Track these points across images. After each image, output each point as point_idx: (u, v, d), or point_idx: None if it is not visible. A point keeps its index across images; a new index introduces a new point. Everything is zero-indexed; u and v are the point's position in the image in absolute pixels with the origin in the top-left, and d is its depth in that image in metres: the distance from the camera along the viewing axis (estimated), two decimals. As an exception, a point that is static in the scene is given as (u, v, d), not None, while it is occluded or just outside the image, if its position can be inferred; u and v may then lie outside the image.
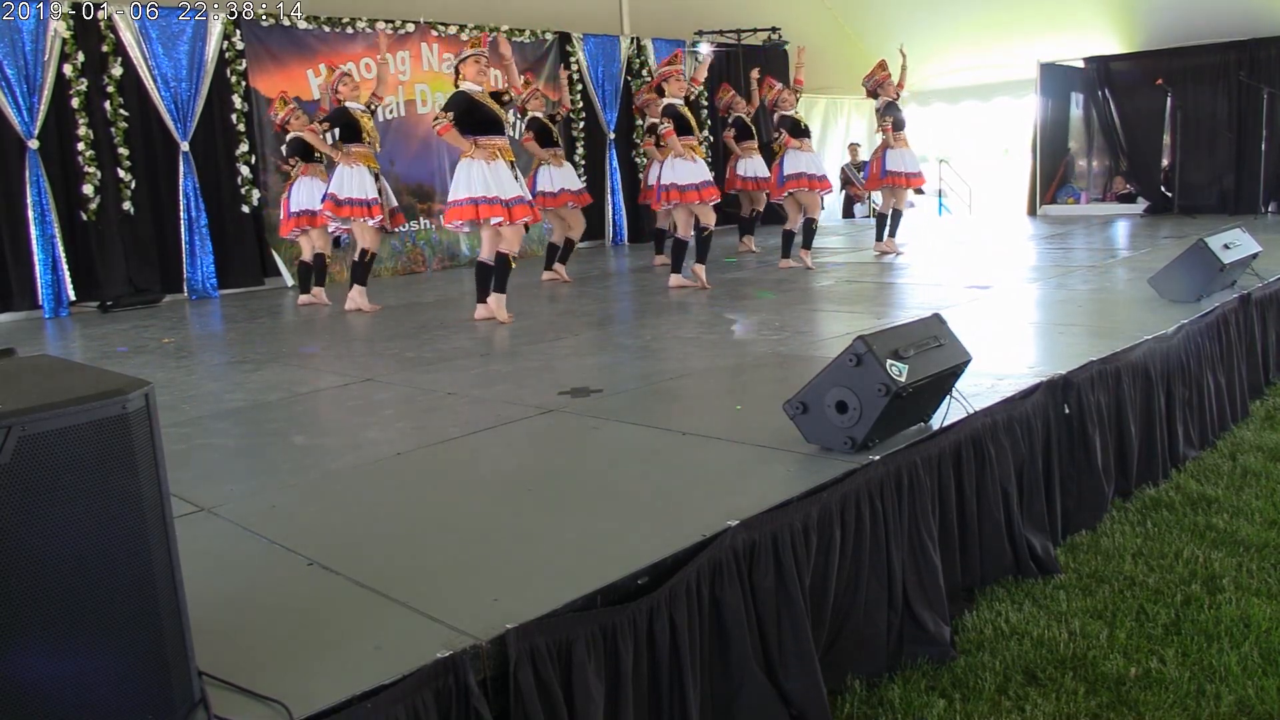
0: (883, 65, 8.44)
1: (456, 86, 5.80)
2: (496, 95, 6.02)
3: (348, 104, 6.69)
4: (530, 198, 6.07)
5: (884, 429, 2.67)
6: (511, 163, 5.84)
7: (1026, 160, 12.59)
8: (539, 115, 7.99)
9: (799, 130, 8.05)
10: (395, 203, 6.97)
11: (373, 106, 7.02)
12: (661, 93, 7.30)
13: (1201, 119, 10.98)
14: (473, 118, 5.70)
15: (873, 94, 8.43)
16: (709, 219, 7.01)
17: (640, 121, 8.99)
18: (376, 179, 6.73)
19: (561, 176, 7.96)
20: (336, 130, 6.75)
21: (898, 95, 8.45)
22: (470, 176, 5.70)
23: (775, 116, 8.21)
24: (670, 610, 1.99)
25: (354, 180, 6.60)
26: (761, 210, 9.69)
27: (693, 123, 7.22)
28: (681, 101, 7.20)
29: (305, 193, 7.16)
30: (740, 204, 9.76)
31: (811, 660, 2.22)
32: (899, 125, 8.35)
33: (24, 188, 7.27)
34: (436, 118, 5.75)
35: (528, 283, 7.73)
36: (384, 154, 7.68)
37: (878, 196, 9.89)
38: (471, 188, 5.67)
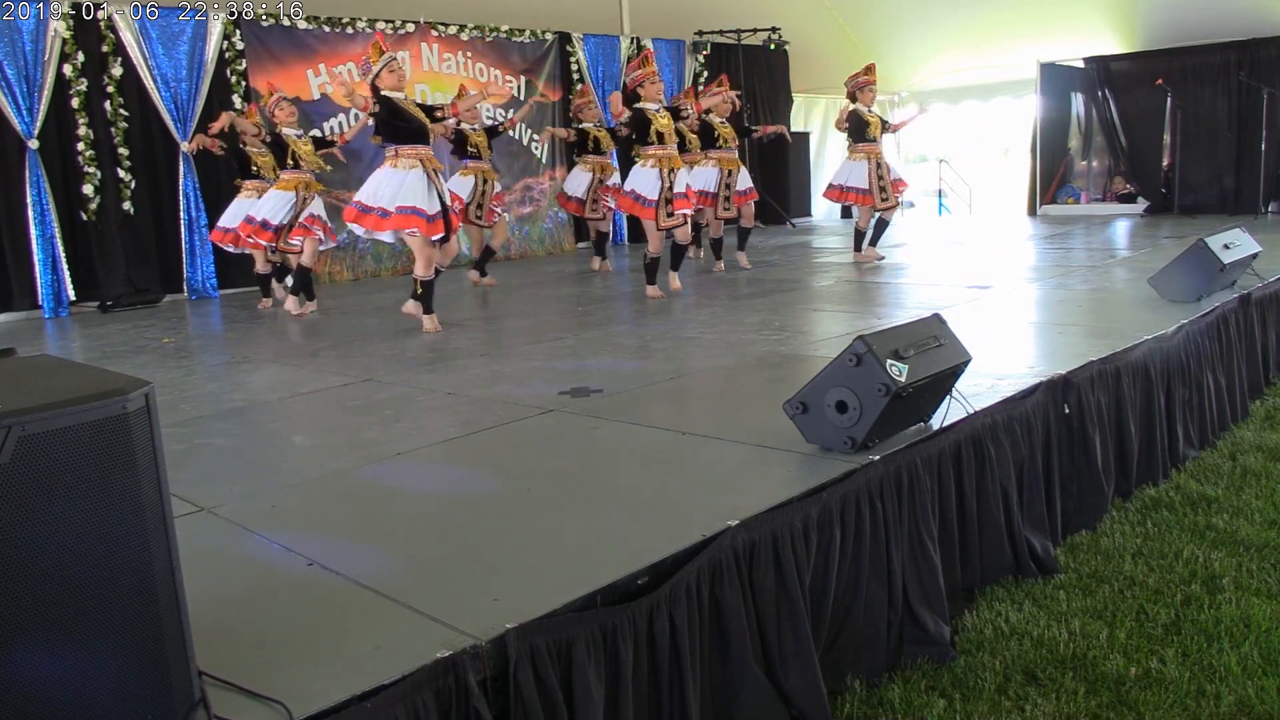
0: (869, 70, 7.94)
1: (376, 98, 5.37)
2: (427, 109, 5.73)
3: (280, 130, 6.75)
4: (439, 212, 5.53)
5: (884, 429, 2.67)
6: (436, 171, 5.52)
7: (1026, 160, 12.59)
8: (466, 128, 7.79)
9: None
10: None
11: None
12: (637, 99, 6.55)
13: (1201, 119, 10.98)
14: (397, 124, 5.39)
15: (851, 96, 7.88)
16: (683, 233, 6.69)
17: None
18: (298, 196, 6.74)
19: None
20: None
21: (871, 105, 7.92)
22: (386, 183, 5.39)
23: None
24: (670, 610, 1.99)
25: (266, 202, 6.76)
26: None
27: (664, 130, 6.51)
28: (657, 108, 6.52)
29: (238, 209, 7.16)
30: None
31: (811, 660, 2.22)
32: (858, 136, 7.82)
33: (24, 188, 7.27)
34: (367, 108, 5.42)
35: (525, 283, 7.73)
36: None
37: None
38: (380, 196, 5.37)
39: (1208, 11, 10.54)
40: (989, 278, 6.53)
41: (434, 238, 5.47)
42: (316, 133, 7.74)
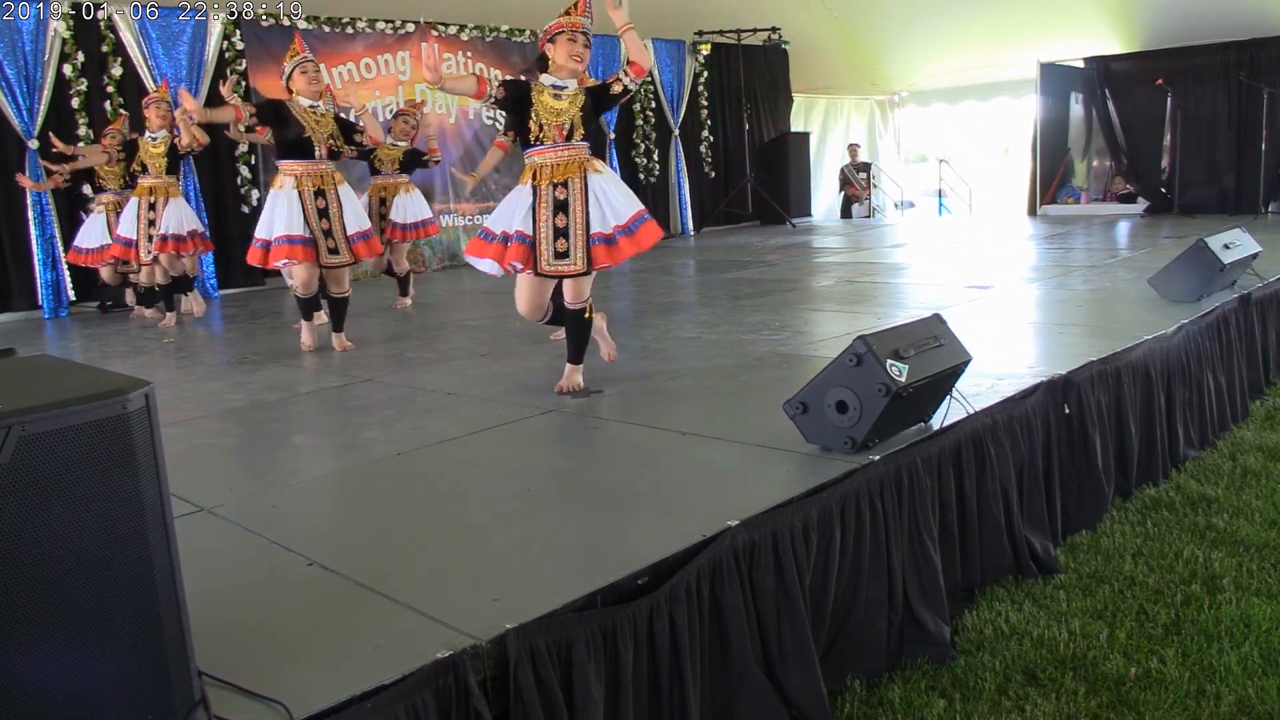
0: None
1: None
2: (346, 124, 5.04)
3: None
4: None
5: (884, 429, 2.67)
6: (337, 189, 4.99)
7: (1026, 160, 12.59)
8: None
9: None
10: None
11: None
12: (544, 66, 3.74)
13: (1201, 119, 10.97)
14: (283, 133, 4.87)
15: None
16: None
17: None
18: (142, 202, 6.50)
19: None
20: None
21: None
22: (274, 212, 4.90)
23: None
24: (670, 610, 1.99)
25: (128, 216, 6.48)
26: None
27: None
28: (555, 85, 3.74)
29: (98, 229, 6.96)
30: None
31: (811, 660, 2.22)
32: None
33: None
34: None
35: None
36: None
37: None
38: (272, 227, 4.88)
39: (1208, 11, 10.53)
40: (989, 278, 6.53)
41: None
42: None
